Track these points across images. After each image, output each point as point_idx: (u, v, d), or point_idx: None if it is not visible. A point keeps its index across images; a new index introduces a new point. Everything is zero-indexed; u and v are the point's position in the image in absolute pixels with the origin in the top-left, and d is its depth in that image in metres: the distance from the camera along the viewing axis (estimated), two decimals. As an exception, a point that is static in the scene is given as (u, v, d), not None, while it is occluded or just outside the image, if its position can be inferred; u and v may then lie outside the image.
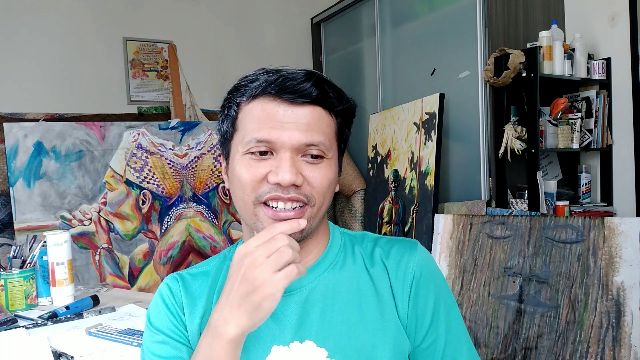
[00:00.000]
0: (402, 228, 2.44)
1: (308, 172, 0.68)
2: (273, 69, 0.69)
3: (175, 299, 0.76)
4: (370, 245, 0.77)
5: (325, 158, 0.69)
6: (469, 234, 1.90)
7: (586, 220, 1.65)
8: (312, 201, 0.68)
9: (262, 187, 0.67)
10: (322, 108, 0.69)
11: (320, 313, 0.71)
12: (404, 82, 2.77)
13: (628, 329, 1.48)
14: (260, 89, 0.67)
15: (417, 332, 0.72)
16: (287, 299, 0.71)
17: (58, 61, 2.72)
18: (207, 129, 2.55)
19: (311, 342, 0.69)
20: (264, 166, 0.67)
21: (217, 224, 2.56)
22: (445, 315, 0.73)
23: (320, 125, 0.68)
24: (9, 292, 1.43)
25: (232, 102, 0.71)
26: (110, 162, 2.32)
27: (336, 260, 0.75)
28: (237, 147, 0.70)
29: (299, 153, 0.67)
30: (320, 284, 0.72)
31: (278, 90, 0.66)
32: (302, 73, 0.68)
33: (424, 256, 0.75)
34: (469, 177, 2.35)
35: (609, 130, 2.29)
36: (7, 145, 2.13)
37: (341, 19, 3.32)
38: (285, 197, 0.66)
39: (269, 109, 0.67)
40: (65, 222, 2.20)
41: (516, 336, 1.66)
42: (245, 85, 0.69)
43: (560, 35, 2.23)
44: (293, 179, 0.65)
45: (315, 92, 0.67)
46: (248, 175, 0.68)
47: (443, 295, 0.74)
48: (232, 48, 3.24)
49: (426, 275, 0.73)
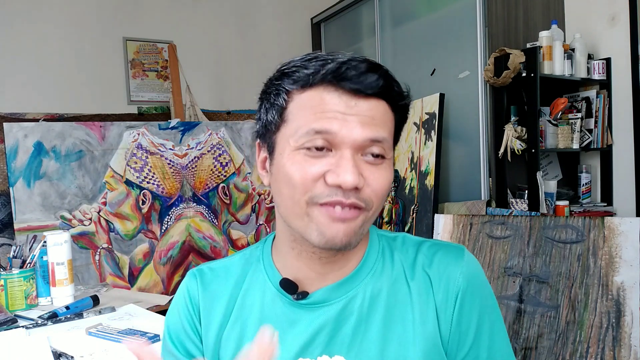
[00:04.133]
0: (402, 228, 2.44)
1: (368, 174, 0.60)
2: (327, 56, 0.61)
3: (192, 302, 0.71)
4: (412, 252, 0.69)
5: (386, 158, 0.62)
6: (469, 234, 1.90)
7: (586, 220, 1.65)
8: (370, 205, 0.61)
9: (317, 188, 0.59)
10: (385, 102, 0.62)
11: (354, 327, 0.64)
12: (404, 82, 2.76)
13: (628, 329, 1.47)
14: (320, 77, 0.59)
15: (459, 348, 0.65)
16: (320, 310, 0.65)
17: (58, 61, 2.72)
18: (207, 129, 2.55)
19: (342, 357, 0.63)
20: (321, 164, 0.59)
21: (217, 224, 2.55)
22: (490, 332, 0.66)
23: (384, 120, 0.61)
24: (9, 292, 1.43)
25: (282, 89, 0.62)
26: (110, 162, 2.32)
27: (374, 268, 0.67)
28: (288, 141, 0.61)
29: (359, 151, 0.60)
30: (356, 296, 0.66)
31: (340, 79, 0.58)
32: (364, 62, 0.60)
33: (471, 266, 0.67)
34: (469, 177, 2.35)
35: (609, 130, 2.29)
36: (7, 145, 2.13)
37: (341, 19, 3.32)
38: (347, 203, 0.58)
39: (329, 99, 0.59)
40: (65, 222, 2.20)
41: (516, 336, 1.66)
42: (298, 71, 0.61)
43: (560, 35, 2.23)
44: (356, 181, 0.58)
45: (381, 83, 0.60)
46: (301, 174, 0.59)
47: (489, 308, 0.67)
48: (232, 48, 3.24)
49: (472, 287, 0.66)
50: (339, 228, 0.59)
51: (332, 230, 0.59)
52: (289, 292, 0.66)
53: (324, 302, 0.65)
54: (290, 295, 0.66)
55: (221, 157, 2.57)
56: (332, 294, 0.66)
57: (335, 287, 0.66)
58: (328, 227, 0.59)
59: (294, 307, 0.66)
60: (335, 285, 0.66)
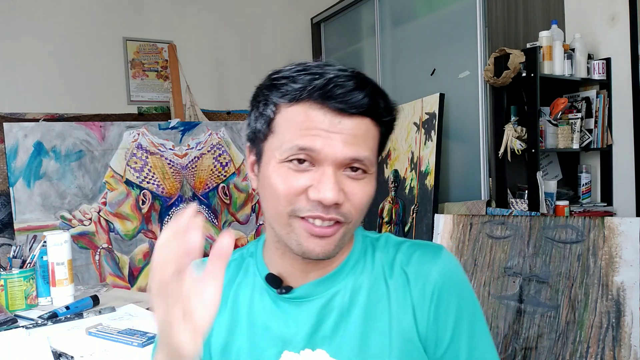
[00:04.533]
0: (402, 228, 2.44)
1: (349, 189, 0.63)
2: (316, 69, 0.62)
3: None
4: (392, 251, 0.71)
5: (368, 173, 0.65)
6: (469, 234, 1.90)
7: (586, 220, 1.65)
8: (349, 219, 0.64)
9: (299, 202, 0.62)
10: (370, 119, 0.64)
11: (335, 322, 0.67)
12: (404, 82, 2.77)
13: (628, 329, 1.48)
14: (306, 94, 0.61)
15: (438, 346, 0.67)
16: (303, 305, 0.69)
17: (58, 61, 2.72)
18: (207, 129, 2.55)
19: (324, 351, 0.66)
20: (303, 178, 0.62)
21: (217, 224, 2.55)
22: (469, 329, 0.67)
23: (366, 138, 0.63)
24: (9, 292, 1.43)
25: (270, 100, 0.64)
26: (110, 162, 2.32)
27: (356, 266, 0.71)
28: (273, 153, 0.63)
29: (341, 167, 0.62)
30: (339, 292, 0.69)
31: (326, 98, 0.60)
32: (351, 79, 0.61)
33: (447, 264, 0.69)
34: (469, 177, 2.35)
35: (609, 130, 2.29)
36: (7, 145, 2.13)
37: (341, 19, 3.32)
38: (326, 217, 0.62)
39: (314, 116, 0.61)
40: (65, 222, 2.20)
41: (516, 336, 1.66)
42: (286, 84, 0.62)
43: (560, 35, 2.23)
44: (336, 198, 0.60)
45: (366, 102, 0.61)
46: (285, 187, 0.62)
47: (467, 306, 0.68)
48: (232, 48, 3.24)
49: (449, 285, 0.67)
50: (317, 243, 0.63)
51: (309, 245, 0.63)
52: (274, 287, 0.70)
53: (306, 297, 0.69)
54: (275, 289, 0.70)
55: (221, 157, 2.57)
56: (314, 289, 0.69)
57: (318, 283, 0.69)
58: (306, 241, 0.63)
59: (279, 301, 0.70)
60: (317, 281, 0.69)
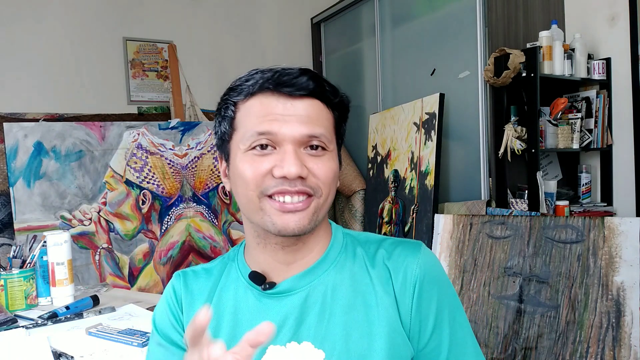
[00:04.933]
0: (402, 228, 2.44)
1: (312, 165, 0.67)
2: (266, 68, 0.69)
3: (176, 299, 0.77)
4: (373, 247, 0.75)
5: (327, 150, 0.70)
6: (469, 234, 1.90)
7: (586, 220, 1.65)
8: (319, 192, 0.68)
9: (267, 182, 0.67)
10: (320, 101, 0.69)
11: (319, 314, 0.70)
12: (404, 82, 2.77)
13: (628, 329, 1.48)
14: (258, 86, 0.68)
15: (421, 336, 0.70)
16: (286, 299, 0.71)
17: (58, 61, 2.72)
18: (207, 129, 2.55)
19: (309, 343, 0.68)
20: (268, 161, 0.67)
21: (217, 224, 2.56)
22: (450, 320, 0.71)
23: (319, 117, 0.69)
24: (9, 292, 1.43)
25: (229, 102, 0.71)
26: (110, 162, 2.32)
27: (337, 260, 0.73)
28: (238, 146, 0.69)
29: (301, 146, 0.67)
30: (320, 285, 0.71)
31: (276, 85, 0.67)
32: (296, 68, 0.69)
33: (427, 258, 0.73)
34: (469, 177, 2.35)
35: (609, 130, 2.29)
36: (7, 145, 2.13)
37: (341, 19, 3.32)
38: (293, 190, 0.66)
39: (268, 103, 0.67)
40: (65, 222, 2.20)
41: (516, 336, 1.66)
42: (241, 84, 0.70)
43: (560, 35, 2.23)
44: (299, 171, 0.65)
45: (312, 84, 0.67)
46: (251, 171, 0.67)
47: (447, 298, 0.72)
48: (232, 48, 3.24)
49: (430, 278, 0.71)
50: (290, 218, 0.66)
51: (282, 221, 0.66)
52: (257, 284, 0.72)
53: (289, 291, 0.71)
54: (259, 286, 0.72)
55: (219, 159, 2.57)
56: (296, 283, 0.71)
57: (300, 277, 0.72)
58: (279, 218, 0.66)
59: (263, 298, 0.72)
60: (300, 274, 0.72)
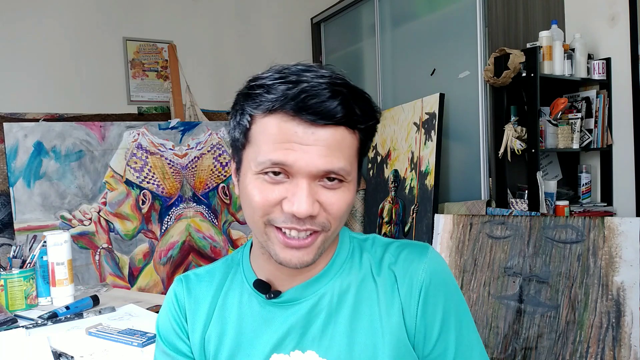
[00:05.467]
0: (402, 228, 2.44)
1: (325, 198, 0.62)
2: (293, 76, 0.60)
3: (179, 306, 0.75)
4: (379, 251, 0.72)
5: (345, 182, 0.63)
6: (469, 234, 1.90)
7: (586, 220, 1.65)
8: (327, 227, 0.64)
9: (274, 213, 0.62)
10: (345, 128, 0.62)
11: (324, 323, 0.68)
12: (404, 82, 2.77)
13: (628, 329, 1.48)
14: (278, 104, 0.59)
15: (426, 342, 0.68)
16: (291, 308, 0.69)
17: (58, 61, 2.72)
18: (207, 129, 2.55)
19: (313, 352, 0.67)
20: (278, 190, 0.62)
21: (217, 224, 2.55)
22: (456, 325, 0.69)
23: (342, 148, 0.61)
24: (9, 292, 1.43)
25: (245, 111, 0.64)
26: (110, 162, 2.32)
27: (343, 268, 0.71)
28: (250, 164, 0.64)
29: (316, 179, 0.61)
30: (325, 294, 0.69)
31: (298, 109, 0.59)
32: (327, 88, 0.59)
33: (434, 262, 0.70)
34: (469, 177, 2.35)
35: (609, 130, 2.29)
36: (7, 145, 2.13)
37: (341, 19, 3.32)
38: (301, 229, 0.62)
39: (287, 128, 0.60)
40: (65, 222, 2.20)
41: (516, 336, 1.66)
42: (261, 95, 0.61)
43: (560, 35, 2.23)
44: (309, 211, 0.60)
45: (341, 112, 0.60)
46: (260, 199, 0.62)
47: (454, 303, 0.70)
48: (232, 48, 3.24)
49: (436, 282, 0.69)
50: (293, 254, 0.63)
51: (285, 255, 0.64)
52: (262, 292, 0.71)
53: (294, 300, 0.70)
54: (264, 295, 0.71)
55: (221, 157, 2.57)
56: (302, 292, 0.70)
57: (305, 286, 0.70)
58: (282, 252, 0.64)
59: (268, 306, 0.71)
60: (305, 284, 0.70)
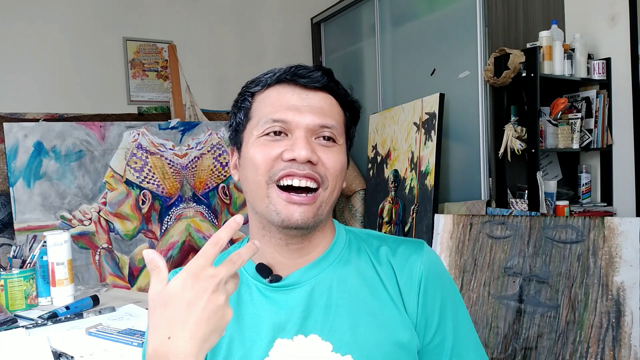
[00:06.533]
0: (402, 228, 2.44)
1: (322, 154, 0.69)
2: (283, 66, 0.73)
3: None
4: (375, 243, 0.77)
5: (337, 144, 0.72)
6: (469, 234, 1.90)
7: (586, 220, 1.65)
8: (326, 183, 0.69)
9: (276, 166, 0.68)
10: (332, 97, 0.73)
11: (325, 307, 0.70)
12: (404, 82, 2.77)
13: (628, 329, 1.48)
14: (275, 77, 0.72)
15: (426, 332, 0.72)
16: (292, 292, 0.71)
17: (58, 61, 2.72)
18: (207, 129, 2.55)
19: (316, 335, 0.69)
20: (279, 145, 0.68)
21: (217, 224, 2.55)
22: (453, 315, 0.73)
23: (332, 111, 0.72)
24: (9, 292, 1.43)
25: (247, 93, 0.74)
26: (110, 162, 2.32)
27: (342, 254, 0.75)
28: (251, 132, 0.71)
29: (313, 135, 0.70)
30: (325, 278, 0.72)
31: (292, 76, 0.71)
32: (312, 65, 0.73)
33: (430, 256, 0.75)
34: (469, 177, 2.35)
35: (609, 130, 2.29)
36: (7, 145, 2.13)
37: (341, 19, 3.32)
38: (301, 174, 0.67)
39: (284, 93, 0.71)
40: (65, 222, 2.20)
41: (516, 336, 1.66)
42: (259, 77, 0.74)
43: (560, 35, 2.23)
44: (309, 155, 0.66)
45: (326, 79, 0.71)
46: (262, 155, 0.69)
47: (450, 295, 0.74)
48: (232, 48, 3.24)
49: (433, 274, 0.73)
50: (294, 209, 0.67)
51: (287, 211, 0.67)
52: (264, 276, 0.73)
53: (295, 284, 0.72)
54: (265, 279, 0.73)
55: (221, 157, 2.57)
56: (302, 276, 0.72)
57: (305, 270, 0.72)
58: (284, 208, 0.67)
59: (267, 292, 0.72)
60: (305, 268, 0.73)
